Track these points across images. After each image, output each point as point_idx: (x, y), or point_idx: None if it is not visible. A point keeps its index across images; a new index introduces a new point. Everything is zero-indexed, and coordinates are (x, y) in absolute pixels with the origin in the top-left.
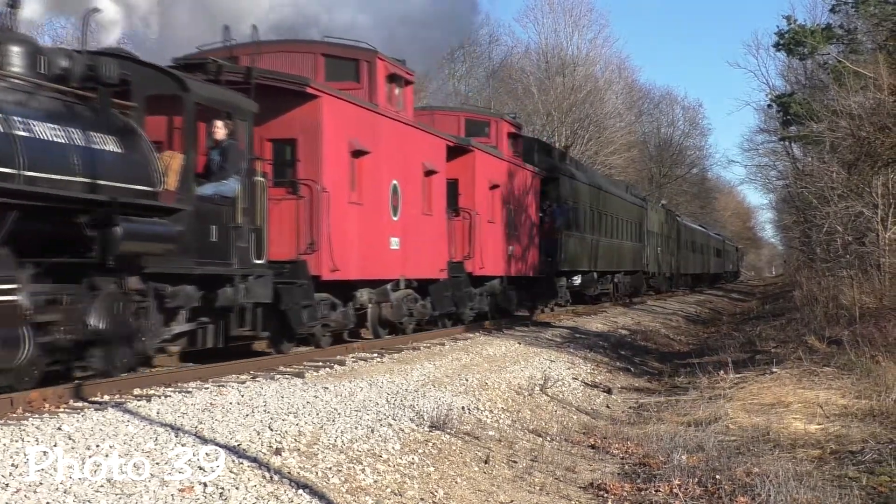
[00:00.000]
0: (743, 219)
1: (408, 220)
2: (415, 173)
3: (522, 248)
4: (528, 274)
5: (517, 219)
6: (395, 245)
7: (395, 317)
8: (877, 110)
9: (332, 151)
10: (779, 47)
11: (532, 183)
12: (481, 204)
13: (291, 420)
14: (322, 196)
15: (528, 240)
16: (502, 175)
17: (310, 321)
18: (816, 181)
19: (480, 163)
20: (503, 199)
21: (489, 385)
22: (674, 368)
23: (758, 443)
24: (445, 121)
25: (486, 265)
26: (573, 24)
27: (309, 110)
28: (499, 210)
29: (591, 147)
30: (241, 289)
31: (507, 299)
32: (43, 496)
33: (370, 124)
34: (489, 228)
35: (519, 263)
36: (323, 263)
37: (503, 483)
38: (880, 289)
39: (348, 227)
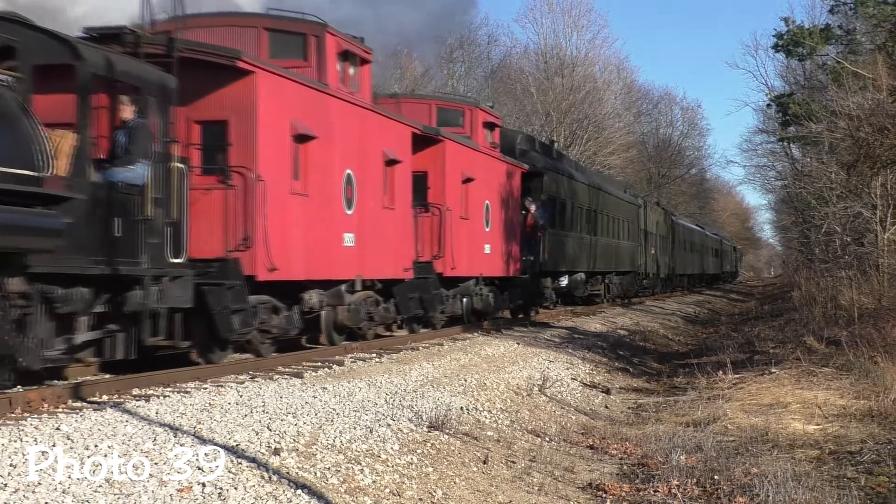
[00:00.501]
0: (742, 219)
1: (365, 215)
2: (373, 163)
3: (502, 248)
4: (508, 275)
5: (495, 216)
6: (349, 242)
7: (352, 321)
8: (875, 111)
9: (270, 135)
10: (777, 48)
11: (513, 177)
12: (453, 199)
13: (290, 420)
14: (257, 185)
15: (509, 238)
16: (478, 168)
17: (242, 327)
18: (815, 182)
19: (452, 154)
20: (479, 195)
21: (488, 385)
22: (672, 369)
23: (756, 443)
24: (414, 109)
25: (459, 265)
26: (572, 24)
27: (242, 88)
28: (474, 206)
29: (590, 147)
30: (154, 291)
31: (485, 301)
32: (42, 496)
33: (318, 106)
34: (462, 225)
35: (498, 263)
36: (258, 262)
37: (502, 483)
38: (879, 289)
39: (291, 220)
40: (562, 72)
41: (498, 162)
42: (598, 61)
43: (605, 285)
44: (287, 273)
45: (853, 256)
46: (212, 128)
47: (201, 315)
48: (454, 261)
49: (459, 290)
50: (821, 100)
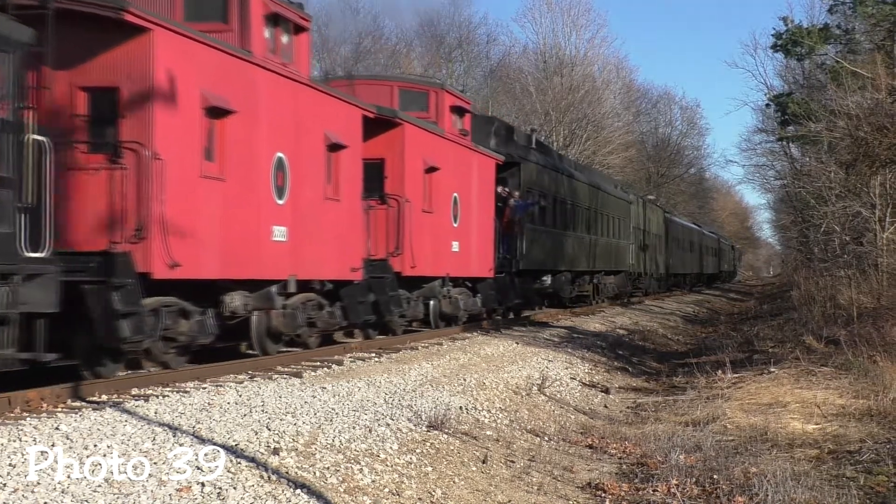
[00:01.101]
0: (741, 219)
1: (301, 206)
2: (312, 146)
3: (473, 245)
4: (481, 275)
5: (465, 210)
6: (280, 236)
7: (288, 327)
8: (874, 110)
9: (172, 105)
10: (776, 48)
11: (485, 168)
12: (414, 189)
13: (289, 420)
14: (153, 165)
15: (481, 235)
16: (444, 156)
17: (135, 334)
18: (814, 181)
19: (412, 139)
20: (446, 186)
21: (487, 385)
22: (672, 368)
23: (755, 443)
24: (373, 91)
25: (421, 263)
26: (571, 23)
27: (136, 48)
28: (439, 198)
29: (589, 147)
30: (3, 292)
31: (453, 304)
32: (41, 496)
33: (240, 76)
34: (425, 220)
35: (468, 262)
36: (154, 256)
37: (501, 483)
38: (878, 289)
39: (201, 209)
40: (561, 71)
41: (468, 151)
42: (597, 61)
43: (594, 286)
44: (194, 270)
45: (852, 256)
46: (99, 96)
47: (83, 321)
48: (414, 259)
49: (423, 292)
50: (820, 99)
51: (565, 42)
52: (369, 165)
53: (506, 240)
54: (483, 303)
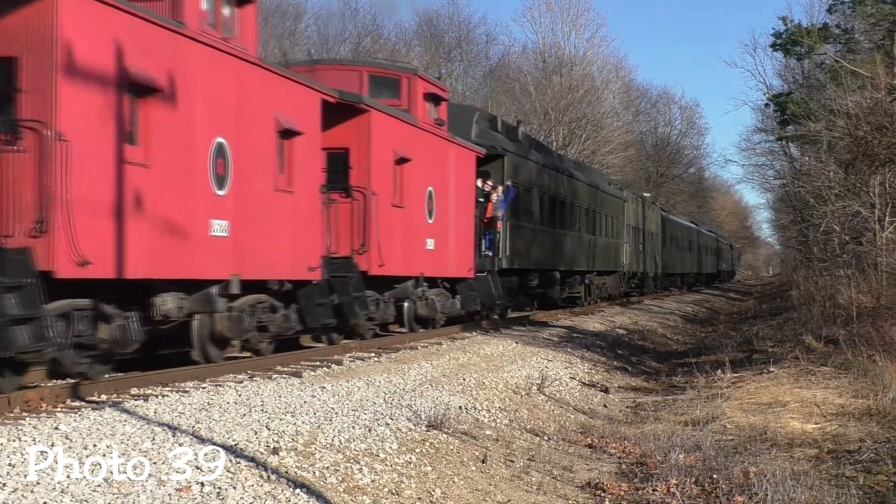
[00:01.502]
0: (740, 218)
1: (246, 197)
2: (260, 132)
3: (450, 242)
4: (460, 275)
5: (442, 205)
6: (220, 231)
7: (233, 332)
8: (874, 110)
9: (80, 79)
10: (776, 47)
11: (464, 160)
12: (382, 182)
13: (289, 419)
14: (56, 147)
15: (460, 232)
16: (417, 147)
17: (36, 342)
18: (813, 180)
19: (380, 127)
20: (419, 179)
21: (486, 384)
22: (671, 368)
23: (755, 442)
24: (338, 77)
25: (390, 262)
26: (570, 23)
27: (37, 14)
28: (412, 192)
29: (589, 146)
30: None
31: (430, 306)
32: (40, 495)
33: (169, 50)
34: (396, 215)
35: (445, 261)
36: (58, 252)
37: (500, 482)
38: (877, 288)
39: (122, 198)
40: (560, 71)
41: (444, 141)
42: (597, 60)
43: (586, 286)
44: (111, 269)
45: (851, 255)
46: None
47: None
48: (383, 257)
49: (395, 293)
50: (819, 98)
51: (564, 42)
52: (332, 156)
53: (488, 237)
54: (462, 304)
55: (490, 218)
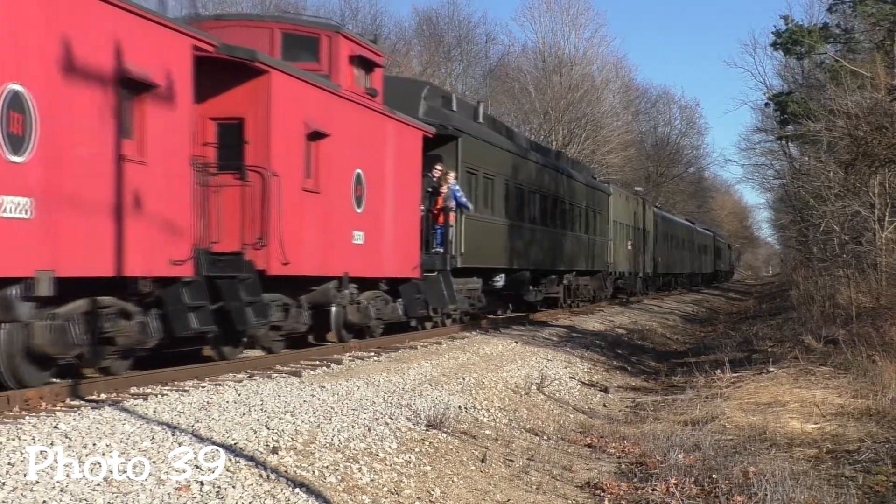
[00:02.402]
0: (740, 218)
1: (63, 167)
2: (91, 83)
3: (387, 236)
4: (401, 274)
5: (375, 191)
6: (16, 212)
7: (55, 347)
8: (874, 110)
9: None
10: (776, 46)
11: (408, 140)
12: (288, 161)
13: (288, 419)
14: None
15: (401, 224)
16: (339, 120)
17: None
18: (813, 180)
19: (284, 93)
20: (342, 159)
21: (486, 384)
22: (671, 368)
23: (754, 442)
24: (246, 35)
25: (299, 259)
26: (570, 23)
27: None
28: (332, 174)
29: (588, 146)
30: None
31: (362, 312)
32: (40, 494)
33: None
34: (308, 202)
35: (379, 258)
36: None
37: (500, 482)
38: (877, 288)
39: None
40: (560, 70)
41: (379, 116)
42: (597, 60)
43: (564, 287)
44: None
45: (851, 255)
46: None
47: None
48: (288, 252)
49: (314, 297)
50: (819, 98)
51: (564, 41)
52: (224, 128)
53: (439, 231)
54: (407, 310)
55: (441, 209)
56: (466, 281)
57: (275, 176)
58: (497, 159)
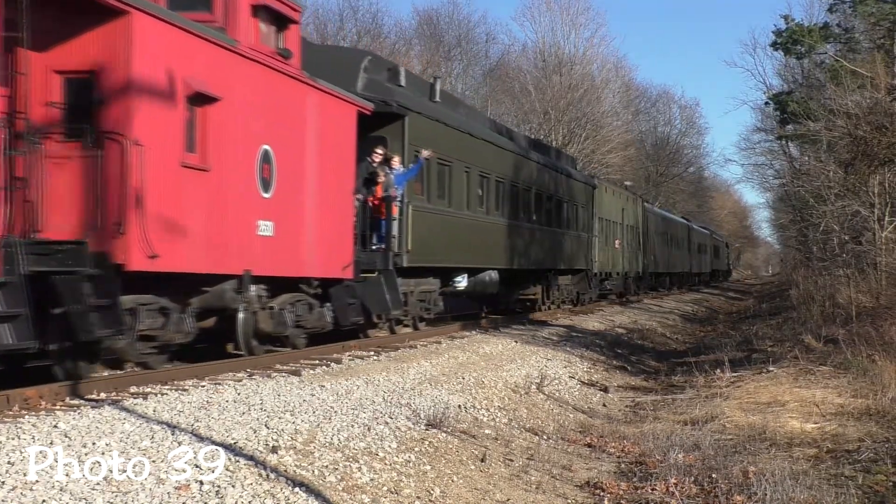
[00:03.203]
0: (740, 217)
1: None
2: None
3: (308, 228)
4: (329, 274)
5: (290, 173)
6: None
7: None
8: (874, 109)
9: None
10: (776, 46)
11: (338, 116)
12: (160, 128)
13: (288, 418)
14: None
15: (328, 214)
16: (239, 84)
17: None
18: (813, 180)
19: (153, 43)
20: (243, 131)
21: (486, 383)
22: (670, 367)
23: (754, 442)
24: None
25: (174, 251)
26: (570, 22)
27: None
28: (227, 149)
29: (588, 146)
30: None
31: (277, 318)
32: (39, 493)
33: None
34: (191, 181)
35: (296, 253)
36: None
37: (499, 481)
38: (877, 288)
39: None
40: (560, 70)
41: (295, 83)
42: (596, 59)
43: (543, 287)
44: None
45: (851, 255)
46: None
47: None
48: (155, 243)
49: (206, 300)
50: (819, 98)
51: (564, 41)
52: (71, 82)
53: (381, 224)
54: (337, 317)
55: (382, 199)
56: (420, 282)
57: (137, 145)
58: (455, 143)
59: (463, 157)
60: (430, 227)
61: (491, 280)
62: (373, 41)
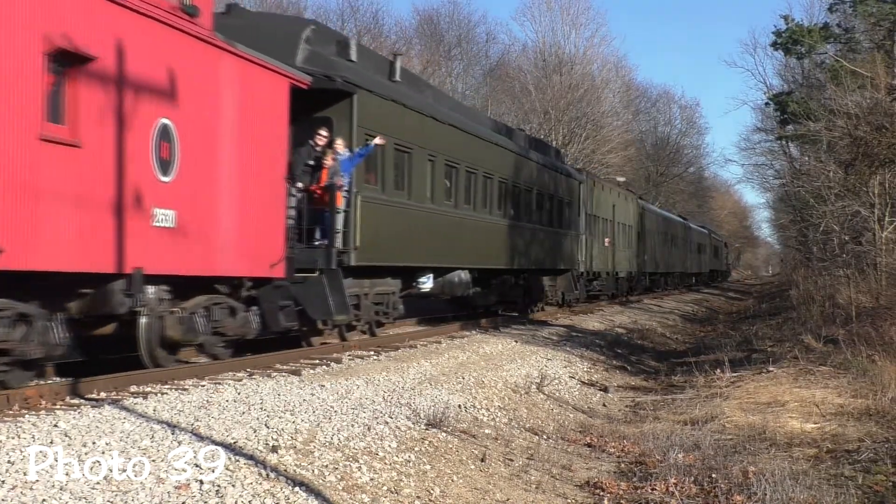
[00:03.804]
0: (740, 218)
1: None
2: None
3: (223, 218)
4: (251, 273)
5: (199, 153)
6: None
7: None
8: (874, 109)
9: None
10: (776, 46)
11: (264, 89)
12: (4, 89)
13: (288, 418)
14: None
15: (251, 204)
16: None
17: None
18: (813, 180)
19: None
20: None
21: (486, 383)
22: (670, 367)
23: (754, 442)
24: None
25: (28, 244)
26: (570, 22)
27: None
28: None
29: (588, 146)
30: None
31: (187, 325)
32: (39, 493)
33: None
34: (53, 158)
35: (209, 248)
36: None
37: (499, 481)
38: (877, 288)
39: None
40: (560, 70)
41: (204, 47)
42: (597, 59)
43: (523, 288)
44: None
45: (851, 255)
46: None
47: None
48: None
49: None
50: (819, 98)
51: (564, 41)
52: None
53: (324, 217)
54: (266, 322)
55: (325, 188)
56: (376, 283)
57: None
58: (417, 128)
59: (426, 144)
60: (386, 221)
61: (461, 281)
62: (373, 41)
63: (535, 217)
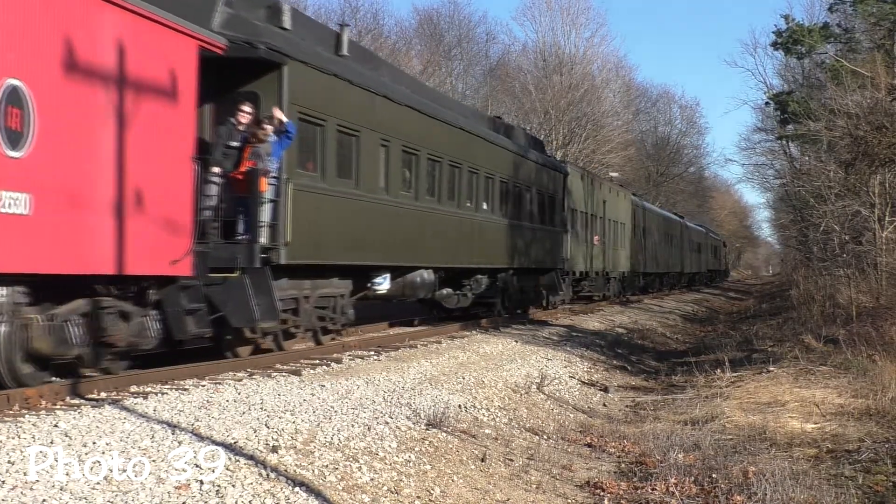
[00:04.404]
0: (740, 217)
1: None
2: None
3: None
4: (144, 270)
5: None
6: None
7: None
8: (874, 109)
9: None
10: (776, 46)
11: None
12: None
13: (288, 418)
14: None
15: (147, 188)
16: None
17: None
18: (813, 180)
19: None
20: None
21: (486, 383)
22: (670, 367)
23: (754, 441)
24: None
25: None
26: (570, 22)
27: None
28: None
29: (589, 145)
30: None
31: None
32: (39, 493)
33: None
34: None
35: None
36: None
37: (499, 481)
38: (877, 288)
39: None
40: (560, 70)
41: None
42: (597, 59)
43: (500, 288)
44: None
45: (851, 255)
46: None
47: None
48: None
49: None
50: (819, 98)
51: (564, 41)
52: None
53: (247, 207)
54: (173, 328)
55: (247, 173)
56: (319, 285)
57: None
58: (365, 106)
59: (378, 127)
60: (327, 213)
61: (423, 282)
62: (373, 41)
63: (511, 211)
